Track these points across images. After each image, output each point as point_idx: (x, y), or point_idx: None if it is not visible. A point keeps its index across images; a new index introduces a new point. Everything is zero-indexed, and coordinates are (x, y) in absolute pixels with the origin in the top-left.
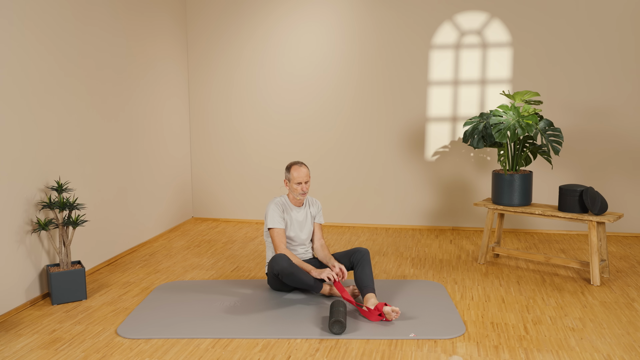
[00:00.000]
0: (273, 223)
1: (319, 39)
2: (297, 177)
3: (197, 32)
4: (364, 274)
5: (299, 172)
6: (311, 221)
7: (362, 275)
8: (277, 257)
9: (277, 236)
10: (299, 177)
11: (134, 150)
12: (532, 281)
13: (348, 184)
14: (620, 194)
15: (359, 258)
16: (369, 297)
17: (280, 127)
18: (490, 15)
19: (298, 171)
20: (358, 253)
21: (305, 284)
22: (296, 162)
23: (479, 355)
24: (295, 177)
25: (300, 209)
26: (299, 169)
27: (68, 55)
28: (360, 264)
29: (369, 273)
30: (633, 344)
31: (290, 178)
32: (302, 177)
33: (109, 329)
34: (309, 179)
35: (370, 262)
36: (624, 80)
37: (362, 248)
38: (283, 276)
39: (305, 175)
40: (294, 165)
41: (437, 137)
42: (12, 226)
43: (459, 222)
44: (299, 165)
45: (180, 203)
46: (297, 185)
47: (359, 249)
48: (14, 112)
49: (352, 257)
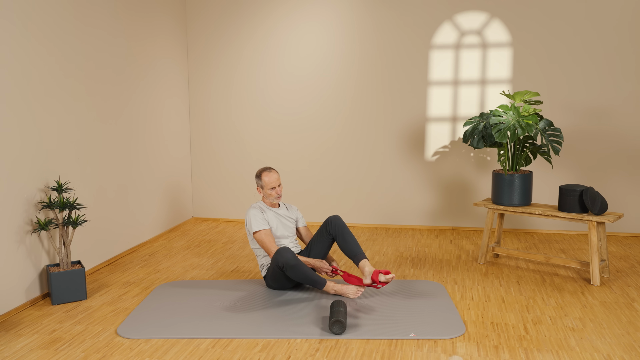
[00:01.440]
0: (257, 226)
1: (319, 39)
2: (270, 182)
3: (197, 32)
4: (348, 242)
5: (270, 177)
6: (292, 221)
7: (347, 245)
8: (282, 249)
9: (265, 237)
10: (271, 182)
11: (134, 150)
12: (532, 281)
13: (348, 183)
14: (620, 194)
15: (334, 228)
16: (364, 264)
17: (280, 127)
18: (490, 15)
19: (269, 176)
20: (332, 223)
21: (310, 278)
22: (265, 168)
23: (479, 355)
24: (268, 183)
25: (278, 208)
26: (269, 174)
27: (68, 56)
28: (339, 234)
29: (352, 240)
30: (633, 344)
31: (264, 185)
32: (275, 181)
33: (109, 329)
34: (280, 182)
35: (347, 227)
36: (624, 80)
37: (332, 217)
38: (287, 269)
39: (277, 179)
40: (264, 172)
41: (437, 137)
42: (12, 226)
43: (459, 222)
44: (269, 171)
45: (180, 203)
46: (272, 190)
47: (330, 220)
48: (14, 112)
49: (329, 229)
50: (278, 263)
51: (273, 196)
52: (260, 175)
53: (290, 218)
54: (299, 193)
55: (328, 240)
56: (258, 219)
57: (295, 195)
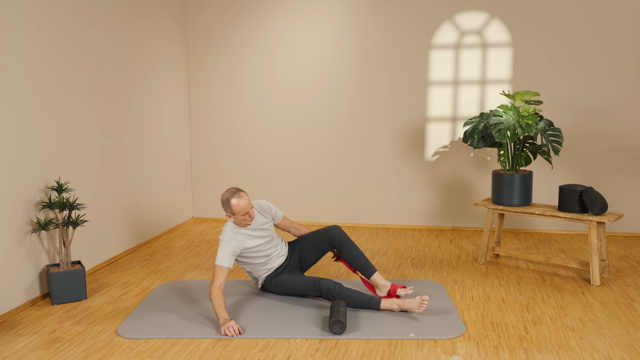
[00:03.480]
0: (221, 260)
1: (319, 39)
2: (241, 210)
3: (197, 32)
4: (354, 255)
5: (240, 203)
6: (269, 225)
7: (355, 258)
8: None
9: (220, 273)
10: (243, 209)
11: (134, 150)
12: (532, 281)
13: (348, 183)
14: (620, 194)
15: (339, 242)
16: (377, 278)
17: (280, 127)
18: (490, 16)
19: (239, 203)
20: (335, 238)
21: (361, 301)
22: (232, 193)
23: (479, 355)
24: (239, 210)
25: (252, 225)
26: (239, 200)
27: (68, 55)
28: (344, 247)
29: (359, 252)
30: (633, 344)
31: (234, 212)
32: (246, 206)
33: (109, 329)
34: (251, 203)
35: (350, 239)
36: (624, 80)
37: (334, 231)
38: (335, 296)
39: (248, 203)
40: (233, 198)
41: (437, 137)
42: (12, 226)
43: (459, 222)
44: (238, 197)
45: (180, 203)
46: (244, 216)
47: (333, 234)
48: (14, 112)
49: (332, 243)
50: (322, 294)
51: (247, 221)
52: (229, 202)
53: (265, 225)
54: (299, 193)
55: (326, 251)
56: (227, 255)
57: (295, 195)
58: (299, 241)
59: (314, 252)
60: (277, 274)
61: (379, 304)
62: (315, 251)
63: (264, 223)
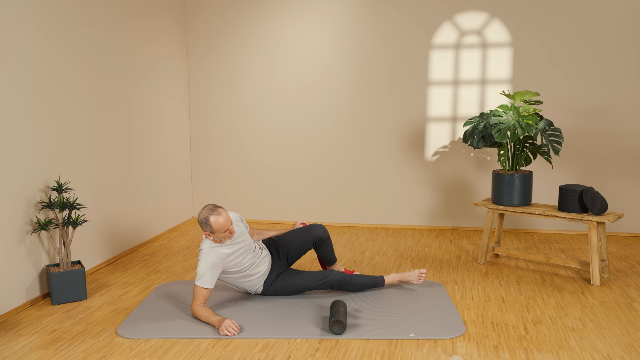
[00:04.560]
0: (203, 282)
1: (319, 39)
2: (221, 228)
3: (197, 32)
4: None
5: (219, 221)
6: (244, 233)
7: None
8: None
9: (200, 294)
10: (223, 227)
11: (134, 150)
12: (532, 281)
13: (348, 183)
14: (620, 194)
15: (322, 242)
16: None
17: (280, 127)
18: (490, 15)
19: (218, 221)
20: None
21: (369, 283)
22: (211, 211)
23: (479, 355)
24: (220, 228)
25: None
26: (218, 217)
27: (67, 56)
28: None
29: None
30: (633, 344)
31: (214, 230)
32: (226, 222)
33: (109, 329)
34: (230, 221)
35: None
36: (624, 80)
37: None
38: (346, 286)
39: (227, 220)
40: (211, 216)
41: (437, 137)
42: (12, 226)
43: (459, 222)
44: (217, 214)
45: (180, 203)
46: (225, 233)
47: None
48: (14, 112)
49: (316, 243)
50: (332, 287)
51: (228, 237)
52: (207, 221)
53: (241, 237)
54: (299, 193)
55: (308, 247)
56: (208, 277)
57: (295, 196)
58: (279, 241)
59: (299, 251)
60: (273, 279)
61: (384, 282)
62: (301, 250)
63: (240, 234)
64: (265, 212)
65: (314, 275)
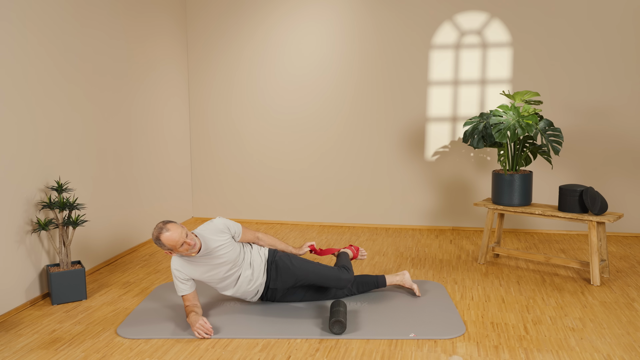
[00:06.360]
0: (181, 291)
1: (319, 39)
2: (175, 243)
3: (197, 32)
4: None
5: (172, 237)
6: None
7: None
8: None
9: (186, 300)
10: (177, 242)
11: (134, 150)
12: (532, 281)
13: (348, 183)
14: (620, 194)
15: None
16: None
17: (280, 127)
18: (490, 15)
19: (172, 237)
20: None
21: (372, 283)
22: (160, 229)
23: (479, 355)
24: (174, 244)
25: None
26: (169, 234)
27: (67, 56)
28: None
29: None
30: (633, 344)
31: (170, 248)
32: (179, 237)
33: (109, 329)
34: (186, 230)
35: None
36: (625, 80)
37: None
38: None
39: (180, 234)
40: (161, 235)
41: (437, 137)
42: (12, 226)
43: (459, 222)
44: (166, 231)
45: (181, 203)
46: (182, 247)
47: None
48: (14, 112)
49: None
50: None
51: (188, 250)
52: (159, 240)
53: (220, 252)
54: (299, 193)
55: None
56: (179, 285)
57: (295, 196)
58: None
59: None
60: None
61: (385, 282)
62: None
63: (218, 246)
64: (265, 213)
65: (331, 278)
